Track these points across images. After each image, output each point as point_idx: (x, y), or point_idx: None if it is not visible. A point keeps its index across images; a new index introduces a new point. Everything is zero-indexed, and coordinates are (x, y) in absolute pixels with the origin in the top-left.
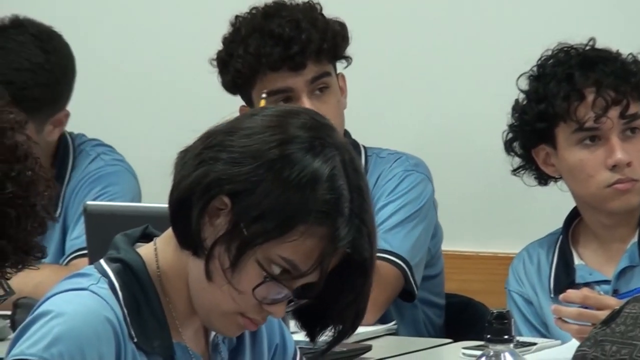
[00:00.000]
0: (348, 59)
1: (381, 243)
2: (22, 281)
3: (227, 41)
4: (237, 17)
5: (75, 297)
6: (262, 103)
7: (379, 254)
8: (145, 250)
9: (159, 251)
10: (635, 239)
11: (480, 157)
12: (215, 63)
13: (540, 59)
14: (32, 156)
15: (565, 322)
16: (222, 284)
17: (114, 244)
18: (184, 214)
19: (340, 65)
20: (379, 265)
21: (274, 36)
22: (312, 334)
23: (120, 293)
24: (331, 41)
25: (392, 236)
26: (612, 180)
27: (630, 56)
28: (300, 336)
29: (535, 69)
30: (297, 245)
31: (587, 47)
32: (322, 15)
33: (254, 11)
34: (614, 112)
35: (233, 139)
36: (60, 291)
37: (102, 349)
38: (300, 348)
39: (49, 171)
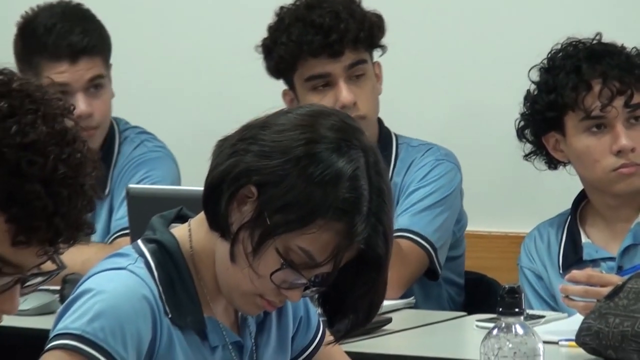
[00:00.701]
0: (384, 48)
1: (409, 224)
2: (72, 258)
3: (272, 29)
4: (281, 7)
5: (114, 276)
6: None
7: (407, 235)
8: (179, 231)
9: (193, 232)
10: (639, 218)
11: (493, 144)
12: (260, 49)
13: (550, 52)
14: (80, 140)
15: (572, 299)
16: (243, 267)
17: (150, 226)
18: (215, 198)
19: (375, 54)
20: (406, 245)
21: (315, 25)
22: (331, 321)
23: (155, 272)
24: (368, 31)
25: (419, 219)
26: (617, 164)
27: (635, 49)
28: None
29: (545, 61)
30: (315, 237)
31: (594, 41)
32: (360, 7)
33: (297, 3)
34: (618, 102)
35: (265, 134)
36: (101, 270)
37: (140, 324)
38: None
39: (95, 153)
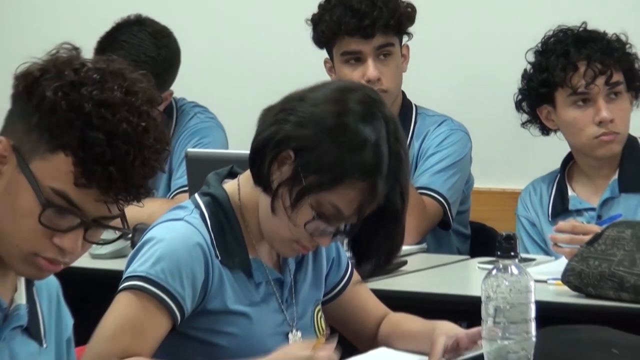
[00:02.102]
0: (410, 35)
1: (428, 183)
2: (140, 210)
3: (321, 7)
4: None
5: (173, 226)
6: None
7: (425, 192)
8: (230, 185)
9: (241, 186)
10: (616, 176)
11: (495, 113)
12: (309, 22)
13: (543, 37)
14: (152, 117)
15: (560, 246)
16: (282, 218)
17: (206, 181)
18: (259, 160)
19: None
20: (425, 200)
21: (353, 9)
22: (358, 262)
23: (208, 221)
24: (397, 19)
25: (436, 179)
26: (598, 133)
27: (614, 35)
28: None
29: (539, 45)
30: (343, 195)
31: (581, 29)
32: None
33: None
34: (600, 80)
35: (303, 106)
36: (162, 221)
37: (194, 266)
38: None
39: (168, 137)
